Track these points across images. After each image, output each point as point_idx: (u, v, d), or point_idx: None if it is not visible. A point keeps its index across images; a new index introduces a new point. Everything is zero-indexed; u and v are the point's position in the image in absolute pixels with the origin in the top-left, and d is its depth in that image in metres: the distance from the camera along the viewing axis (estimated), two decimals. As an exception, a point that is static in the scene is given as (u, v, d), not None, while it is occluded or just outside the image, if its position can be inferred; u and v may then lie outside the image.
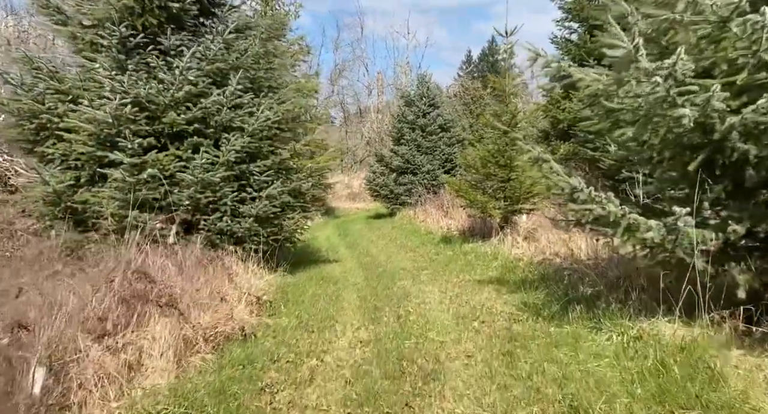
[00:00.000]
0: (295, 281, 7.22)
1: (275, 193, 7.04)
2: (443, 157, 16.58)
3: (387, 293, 6.38)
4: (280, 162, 7.64)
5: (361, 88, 38.10)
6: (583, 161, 11.94)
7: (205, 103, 6.56)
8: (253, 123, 6.81)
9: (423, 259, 9.08)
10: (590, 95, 4.42)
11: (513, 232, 9.39)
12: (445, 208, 13.03)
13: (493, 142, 9.53)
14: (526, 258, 7.71)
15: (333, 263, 9.19)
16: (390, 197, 16.92)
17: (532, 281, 6.38)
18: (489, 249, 9.06)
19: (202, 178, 6.36)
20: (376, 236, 12.71)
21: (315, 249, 11.08)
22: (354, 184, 26.06)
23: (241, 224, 6.76)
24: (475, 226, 11.16)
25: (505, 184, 9.48)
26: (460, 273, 7.52)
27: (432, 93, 17.20)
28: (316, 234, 14.11)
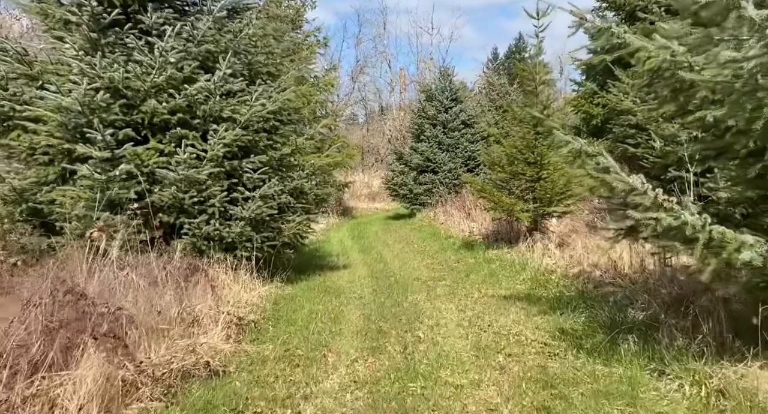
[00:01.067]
0: (293, 293, 6.34)
1: (271, 193, 6.18)
2: (466, 155, 15.57)
3: (396, 311, 5.45)
4: (279, 158, 6.78)
5: (383, 85, 37.21)
6: (619, 160, 10.80)
7: (189, 89, 5.72)
8: (245, 113, 5.95)
9: (441, 267, 8.12)
10: (653, 70, 3.42)
11: (543, 238, 8.36)
12: (467, 209, 12.04)
13: (521, 137, 8.51)
14: (560, 269, 6.69)
15: (341, 270, 8.30)
16: (409, 197, 15.97)
17: (568, 300, 5.38)
18: (516, 257, 8.06)
19: (186, 175, 5.54)
20: (393, 239, 11.79)
21: (324, 253, 10.21)
22: (374, 184, 25.14)
23: (231, 228, 5.91)
24: (500, 229, 10.15)
25: (535, 184, 8.46)
26: (482, 286, 6.55)
27: (455, 87, 16.18)
28: (330, 235, 13.26)
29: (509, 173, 8.50)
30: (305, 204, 7.06)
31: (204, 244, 5.85)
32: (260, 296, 5.87)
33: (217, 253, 5.92)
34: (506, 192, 8.98)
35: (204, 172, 5.70)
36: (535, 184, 8.46)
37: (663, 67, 3.25)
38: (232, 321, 4.49)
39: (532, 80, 8.43)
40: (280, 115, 6.78)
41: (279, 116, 6.76)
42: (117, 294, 3.82)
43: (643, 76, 3.64)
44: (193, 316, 4.26)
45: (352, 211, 19.66)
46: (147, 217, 5.56)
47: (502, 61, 39.46)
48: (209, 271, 5.53)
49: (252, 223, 6.11)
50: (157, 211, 5.72)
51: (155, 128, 5.90)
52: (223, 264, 5.91)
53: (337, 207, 17.94)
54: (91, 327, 3.11)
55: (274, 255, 6.71)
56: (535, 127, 8.44)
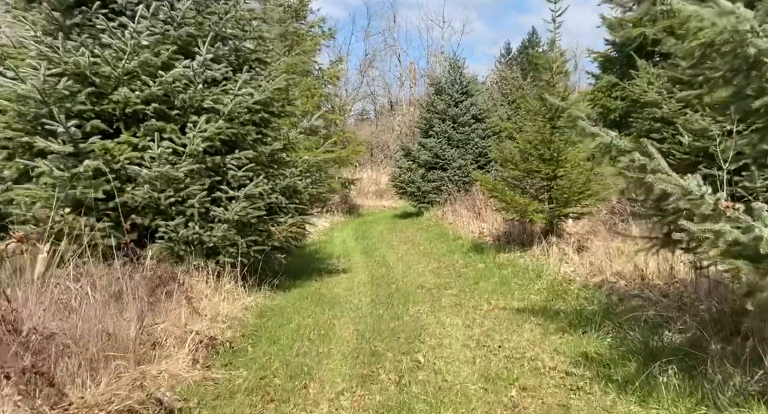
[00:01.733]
0: (283, 304, 5.74)
1: (258, 193, 5.57)
2: (476, 151, 14.87)
3: (395, 326, 4.83)
4: (270, 154, 6.18)
5: (392, 80, 36.51)
6: (640, 156, 10.06)
7: (166, 76, 5.12)
8: (228, 103, 5.34)
9: (448, 272, 7.48)
10: (706, 45, 2.75)
11: (560, 242, 7.68)
12: (477, 208, 11.37)
13: (536, 131, 7.83)
14: (579, 278, 6.02)
15: (340, 275, 7.69)
16: (417, 195, 15.31)
17: (590, 315, 4.71)
18: (530, 262, 7.39)
19: (161, 172, 4.95)
20: (398, 240, 11.15)
21: (325, 255, 9.62)
22: (382, 181, 24.52)
23: (212, 232, 5.32)
24: (512, 231, 9.48)
25: (551, 182, 7.78)
26: (492, 295, 5.90)
27: (465, 80, 15.47)
28: (333, 235, 12.67)
29: (523, 171, 7.83)
30: (298, 204, 6.45)
31: (182, 249, 5.26)
32: (244, 308, 5.28)
33: (196, 259, 5.33)
34: (519, 191, 8.31)
35: (182, 168, 5.11)
36: (550, 182, 7.78)
37: (721, 40, 2.58)
38: (202, 341, 3.89)
39: (548, 70, 7.74)
40: (271, 106, 6.17)
41: (269, 108, 6.15)
42: (59, 314, 3.23)
43: (691, 55, 2.97)
44: (155, 338, 3.67)
45: (358, 209, 19.06)
46: (118, 220, 4.98)
47: (515, 56, 38.69)
48: (185, 280, 4.95)
49: (237, 226, 5.51)
50: (129, 212, 5.15)
51: (129, 120, 5.31)
52: (204, 271, 5.32)
53: (342, 205, 17.36)
54: (8, 360, 2.52)
55: (264, 260, 6.12)
56: (551, 121, 7.76)
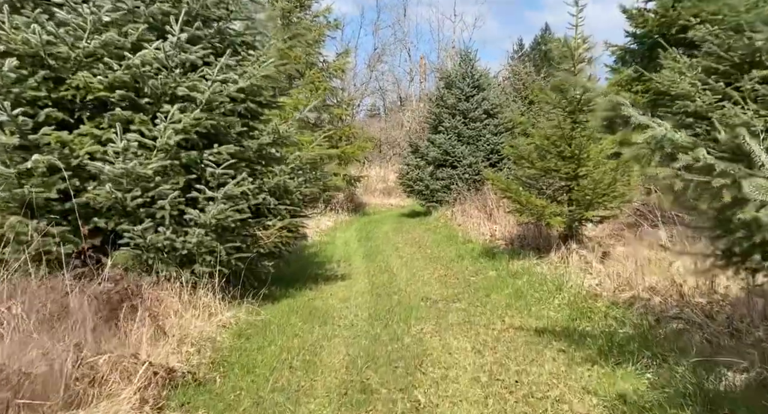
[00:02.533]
0: (268, 319, 5.06)
1: (240, 193, 4.90)
2: (488, 148, 14.11)
3: (393, 350, 4.14)
4: (258, 149, 5.50)
5: (402, 75, 35.71)
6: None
7: (133, 59, 4.46)
8: (205, 90, 4.67)
9: (456, 281, 6.77)
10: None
11: (580, 248, 6.95)
12: (488, 209, 10.63)
13: (555, 125, 7.09)
14: (607, 293, 5.28)
15: (338, 282, 7.02)
16: (425, 194, 14.59)
17: (624, 341, 3.99)
18: (547, 271, 6.67)
19: (126, 169, 4.29)
20: (404, 242, 10.45)
21: (324, 259, 8.95)
22: (390, 178, 23.80)
23: (186, 237, 4.66)
24: (526, 234, 8.74)
25: (571, 182, 7.04)
26: (506, 311, 5.19)
27: (477, 73, 14.70)
28: (336, 236, 12.00)
29: (540, 170, 7.09)
30: (289, 205, 5.77)
31: (151, 257, 4.60)
32: (221, 325, 4.61)
33: (168, 269, 4.67)
34: (535, 192, 7.57)
35: (152, 165, 4.45)
36: (571, 182, 7.04)
37: None
38: (157, 373, 3.22)
39: (569, 57, 6.98)
40: (259, 95, 5.49)
41: (257, 97, 5.47)
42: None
43: None
44: (97, 371, 3.01)
45: (364, 207, 18.37)
46: (76, 223, 4.34)
47: (527, 52, 37.87)
48: (152, 293, 4.29)
49: (216, 231, 4.85)
50: (91, 215, 4.50)
51: (93, 109, 4.66)
52: (177, 282, 4.66)
53: (348, 203, 16.68)
54: None
55: (248, 269, 5.45)
56: (572, 115, 7.01)
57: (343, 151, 14.94)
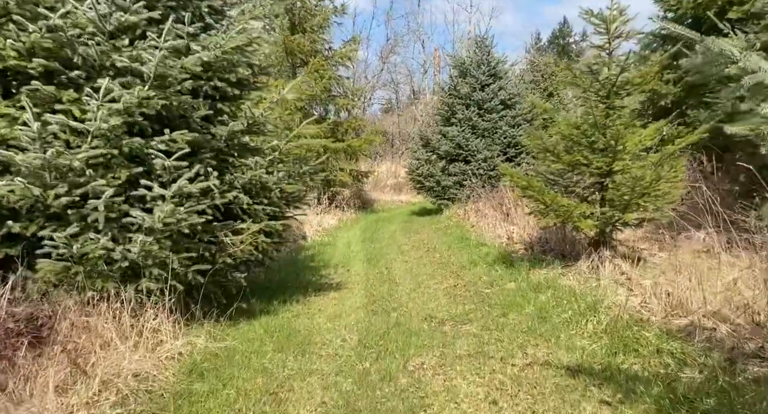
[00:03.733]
0: (233, 346, 4.11)
1: (198, 190, 3.96)
2: (505, 141, 13.04)
3: (382, 398, 3.17)
4: (229, 137, 4.56)
5: (415, 67, 34.61)
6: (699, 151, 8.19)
7: (53, 18, 3.52)
8: (148, 60, 3.72)
9: (467, 294, 5.78)
10: None
11: (614, 256, 5.91)
12: (505, 208, 9.59)
13: (586, 112, 6.04)
14: (655, 318, 4.23)
15: (330, 294, 6.07)
16: (436, 190, 13.58)
17: (692, 394, 2.97)
18: (576, 283, 5.64)
19: (44, 158, 3.36)
20: (411, 244, 9.46)
21: (320, 263, 8.00)
22: (401, 173, 22.80)
23: (128, 245, 3.73)
24: (549, 238, 7.71)
25: (604, 179, 5.99)
26: (528, 338, 4.19)
27: (493, 60, 13.61)
28: (338, 236, 11.05)
29: (567, 164, 6.03)
30: (267, 205, 4.81)
31: (83, 270, 3.67)
32: (170, 357, 3.67)
33: (106, 285, 3.74)
34: (560, 189, 6.53)
35: (81, 155, 3.52)
36: (604, 179, 5.98)
37: None
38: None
39: (604, 32, 5.92)
40: (229, 71, 4.53)
41: (225, 74, 4.51)
42: None
43: None
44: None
45: (373, 205, 17.41)
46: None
47: (545, 46, 36.70)
48: (79, 320, 3.37)
49: (171, 237, 3.91)
50: (6, 217, 3.58)
51: (11, 83, 3.74)
52: (116, 302, 3.74)
53: (354, 200, 15.73)
54: None
55: (213, 282, 4.51)
56: (606, 100, 5.95)
57: (349, 145, 13.98)
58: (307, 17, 13.67)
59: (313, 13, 13.63)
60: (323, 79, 13.38)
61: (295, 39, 13.41)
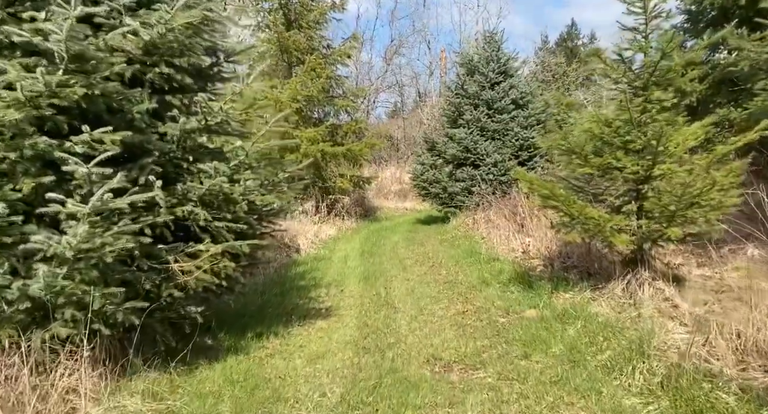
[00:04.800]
0: (176, 408, 3.18)
1: (128, 205, 3.04)
2: (516, 144, 12.06)
3: None
4: (182, 138, 3.65)
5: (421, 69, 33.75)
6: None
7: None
8: (53, 32, 2.81)
9: (480, 324, 4.83)
10: None
11: (656, 278, 4.94)
12: (519, 218, 8.61)
13: (618, 106, 5.08)
14: (730, 369, 3.25)
15: (317, 323, 5.14)
16: (442, 197, 12.62)
17: None
18: (610, 312, 4.68)
19: None
20: (414, 258, 8.50)
21: (310, 282, 7.07)
22: (406, 179, 21.86)
23: (32, 280, 2.81)
24: (571, 252, 6.76)
25: (643, 185, 5.02)
26: (560, 392, 3.23)
27: (503, 56, 12.66)
28: (336, 248, 10.11)
29: (596, 168, 5.07)
30: (232, 221, 3.88)
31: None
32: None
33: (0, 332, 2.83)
34: (587, 198, 5.57)
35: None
36: (642, 186, 5.02)
37: None
38: None
39: (640, 11, 4.97)
40: (180, 55, 3.63)
41: (175, 58, 3.61)
42: None
43: None
44: None
45: (376, 212, 16.46)
46: None
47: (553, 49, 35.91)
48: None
49: (97, 266, 2.99)
50: None
51: None
52: (16, 356, 2.82)
53: (356, 207, 14.79)
54: None
55: (166, 318, 3.60)
56: (642, 91, 5.00)
57: (349, 149, 13.06)
58: (303, 13, 12.80)
59: (309, 8, 12.77)
60: (320, 78, 12.49)
61: (290, 36, 12.55)
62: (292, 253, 9.39)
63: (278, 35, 12.50)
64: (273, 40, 12.70)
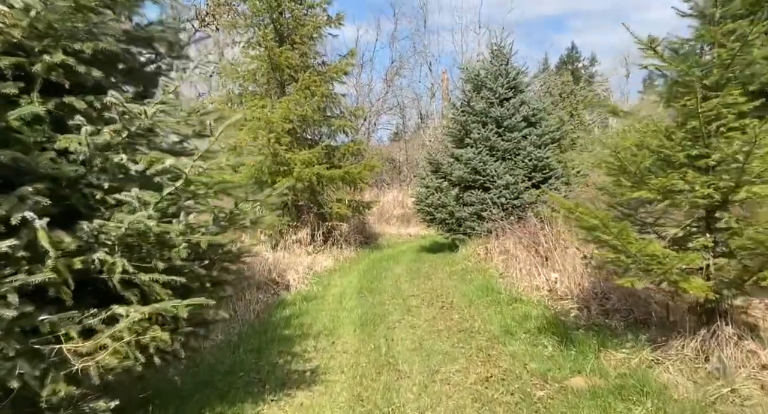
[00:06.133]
0: None
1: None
2: (530, 164, 10.96)
3: None
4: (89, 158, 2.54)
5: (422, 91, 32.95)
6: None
7: None
8: None
9: (510, 400, 3.63)
10: None
11: (744, 335, 3.75)
12: (542, 248, 7.43)
13: (685, 113, 3.97)
14: None
15: (296, 397, 3.95)
16: (449, 223, 11.47)
17: None
18: (688, 384, 3.49)
19: None
20: (420, 296, 7.31)
21: (298, 331, 5.89)
22: (409, 203, 20.76)
23: None
24: (607, 291, 5.60)
25: (719, 212, 3.88)
26: None
27: (513, 70, 11.65)
28: (331, 283, 8.93)
29: (656, 191, 3.93)
30: (166, 271, 2.74)
31: None
32: None
33: None
34: (636, 227, 4.42)
35: None
36: (718, 213, 3.87)
37: None
38: None
39: None
40: (85, 39, 2.54)
41: (76, 43, 2.52)
42: None
43: None
44: None
45: (377, 239, 15.27)
46: None
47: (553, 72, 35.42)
48: None
49: None
50: None
51: None
52: None
53: (355, 235, 13.65)
54: None
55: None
56: (715, 91, 3.89)
57: (347, 172, 11.97)
58: (296, 27, 11.87)
59: (302, 23, 11.83)
60: (315, 96, 11.48)
61: (282, 52, 11.58)
62: (280, 290, 8.20)
63: (269, 51, 11.54)
64: (264, 56, 11.74)
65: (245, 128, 11.10)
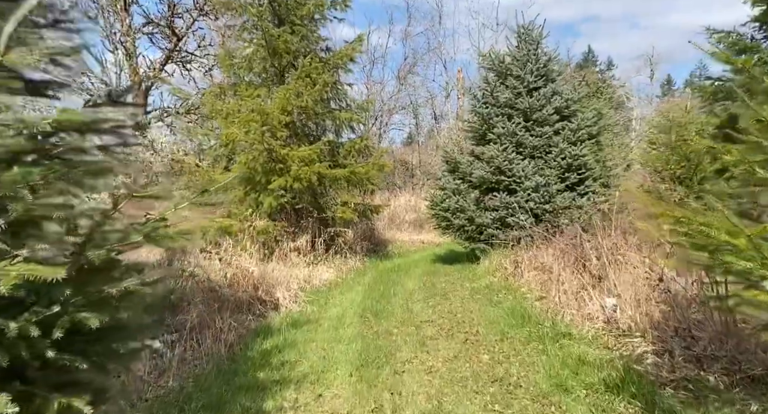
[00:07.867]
0: None
1: None
2: (563, 164, 9.45)
3: None
4: None
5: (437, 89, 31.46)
6: None
7: None
8: None
9: None
10: None
11: None
12: (590, 265, 5.90)
13: None
14: None
15: None
16: (469, 230, 9.99)
17: None
18: None
19: None
20: (438, 323, 5.84)
21: (275, 375, 4.45)
22: (422, 207, 19.29)
23: None
24: (693, 324, 4.09)
25: None
26: None
27: (544, 56, 10.15)
28: (330, 302, 7.48)
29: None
30: None
31: None
32: None
33: None
34: None
35: None
36: None
37: None
38: None
39: None
40: None
41: None
42: None
43: None
44: None
45: (387, 247, 13.81)
46: None
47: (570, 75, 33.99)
48: None
49: None
50: None
51: None
52: None
53: (362, 242, 12.22)
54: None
55: None
56: None
57: (352, 172, 10.55)
58: (296, 7, 10.49)
59: (302, 2, 10.46)
60: (316, 85, 10.09)
61: (280, 34, 10.22)
62: (267, 310, 6.77)
63: (265, 34, 10.18)
64: (260, 39, 10.39)
65: (237, 121, 9.77)
